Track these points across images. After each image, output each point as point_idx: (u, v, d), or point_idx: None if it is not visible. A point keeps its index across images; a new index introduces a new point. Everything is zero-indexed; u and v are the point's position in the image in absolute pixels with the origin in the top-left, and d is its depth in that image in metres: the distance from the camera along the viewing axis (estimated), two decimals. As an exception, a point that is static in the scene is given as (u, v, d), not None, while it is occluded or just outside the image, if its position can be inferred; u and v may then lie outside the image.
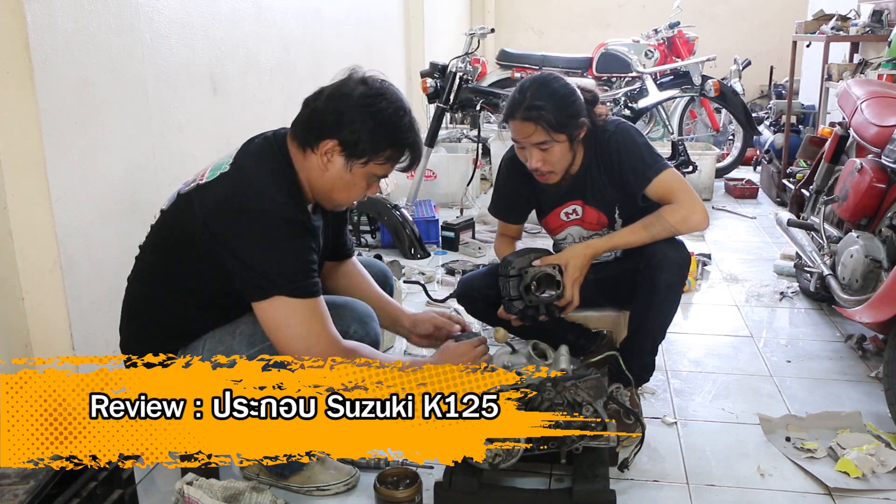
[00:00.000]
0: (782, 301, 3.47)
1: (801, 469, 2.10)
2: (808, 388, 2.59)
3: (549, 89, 2.14)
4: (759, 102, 8.16)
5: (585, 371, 1.91)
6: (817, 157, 3.38)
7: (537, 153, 2.16)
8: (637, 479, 2.06)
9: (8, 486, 1.53)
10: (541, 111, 2.09)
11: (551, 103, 2.10)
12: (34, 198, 2.06)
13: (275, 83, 3.68)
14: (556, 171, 2.20)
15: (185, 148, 2.83)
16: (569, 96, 2.15)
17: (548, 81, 2.17)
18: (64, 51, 2.10)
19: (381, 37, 5.71)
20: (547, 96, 2.11)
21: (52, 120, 2.06)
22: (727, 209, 5.30)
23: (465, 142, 5.90)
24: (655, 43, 6.19)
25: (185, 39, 2.82)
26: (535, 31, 9.25)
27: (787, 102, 5.59)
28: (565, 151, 2.17)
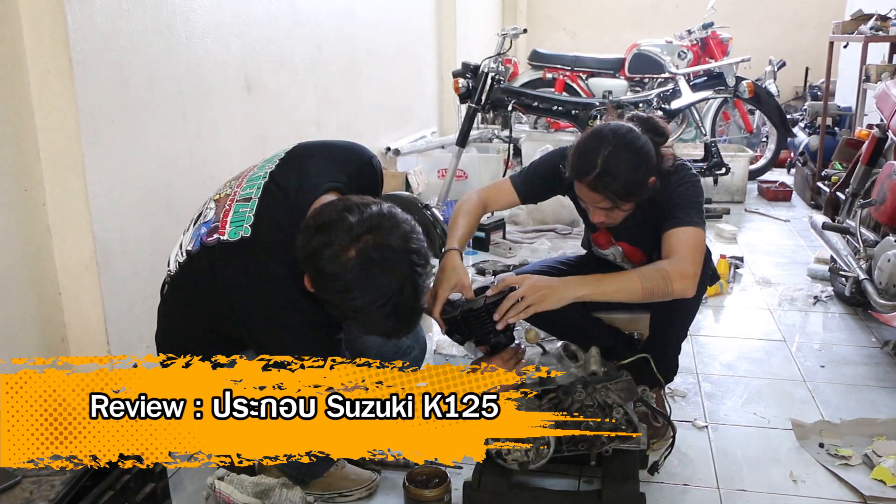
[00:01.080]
0: (816, 305, 3.41)
1: (836, 476, 2.06)
2: (842, 394, 2.55)
3: (623, 156, 1.95)
4: (794, 104, 8.04)
5: (616, 373, 1.90)
6: (854, 160, 3.33)
7: (601, 213, 2.07)
8: (667, 483, 2.04)
9: (46, 476, 1.56)
10: (610, 184, 1.95)
11: (621, 172, 1.94)
12: (72, 195, 2.09)
13: (308, 82, 3.70)
14: (617, 223, 2.12)
15: (220, 146, 2.86)
16: (642, 164, 1.97)
17: (624, 146, 1.97)
18: (103, 51, 2.13)
19: (413, 37, 5.72)
20: (620, 165, 1.95)
21: (90, 118, 2.09)
22: (760, 212, 5.23)
23: (496, 142, 5.89)
24: (689, 44, 6.13)
25: (220, 39, 2.85)
26: (567, 32, 9.20)
27: (823, 104, 5.50)
28: (630, 210, 2.06)
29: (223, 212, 1.75)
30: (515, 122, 6.04)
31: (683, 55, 5.97)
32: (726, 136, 6.24)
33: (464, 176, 5.20)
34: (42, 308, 2.12)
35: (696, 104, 5.23)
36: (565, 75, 6.08)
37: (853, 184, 3.21)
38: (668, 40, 6.21)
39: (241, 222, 1.71)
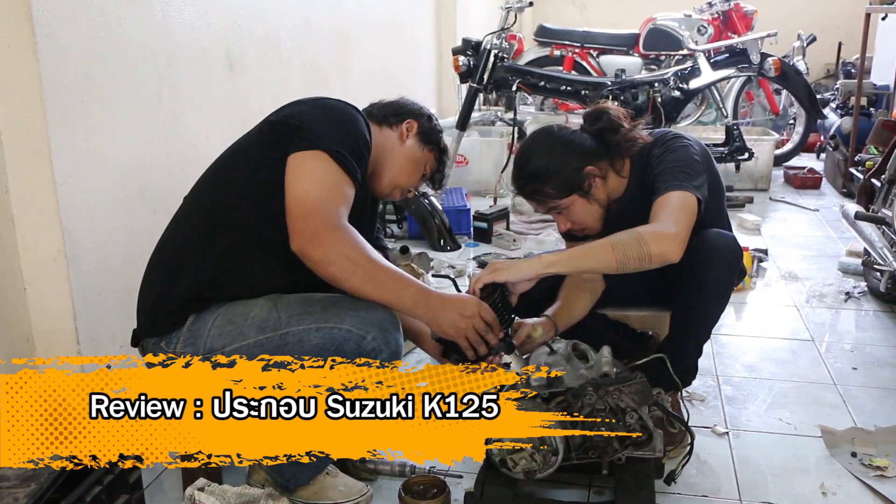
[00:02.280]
0: (848, 302, 3.41)
1: (869, 488, 2.05)
2: (877, 399, 2.54)
3: (537, 156, 2.15)
4: (825, 83, 8.03)
5: (630, 374, 1.89)
6: (891, 144, 3.33)
7: (560, 217, 2.19)
8: (684, 494, 2.03)
9: (7, 489, 1.56)
10: (534, 185, 2.14)
11: (543, 172, 2.12)
12: (37, 181, 2.08)
13: (295, 59, 3.68)
14: (587, 225, 2.20)
15: (199, 129, 2.84)
16: (561, 152, 2.13)
17: (535, 146, 2.18)
18: (69, 22, 2.12)
19: (410, 11, 5.71)
20: (536, 165, 2.13)
21: (56, 97, 2.07)
22: (786, 200, 5.23)
23: (499, 125, 5.88)
24: (709, 17, 6.12)
25: (199, 12, 2.84)
26: (576, 5, 9.19)
27: (857, 82, 5.49)
28: (585, 206, 2.15)
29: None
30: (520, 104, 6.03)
31: (703, 30, 5.96)
32: (750, 118, 6.24)
33: (464, 162, 5.20)
34: (5, 305, 2.11)
35: (716, 83, 5.22)
36: (574, 52, 6.08)
37: (890, 170, 3.20)
38: (686, 14, 6.19)
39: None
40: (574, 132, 2.19)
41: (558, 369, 1.91)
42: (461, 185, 4.98)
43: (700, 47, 5.32)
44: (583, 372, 1.93)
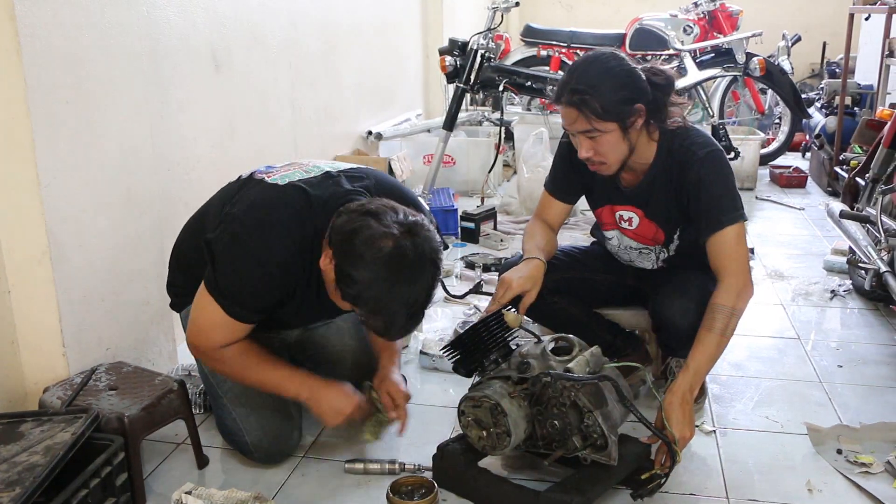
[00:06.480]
0: (833, 300, 3.42)
1: (855, 485, 2.07)
2: (862, 396, 2.56)
3: (598, 69, 2.05)
4: (810, 82, 8.06)
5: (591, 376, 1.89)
6: (875, 143, 3.34)
7: (586, 142, 2.10)
8: (672, 493, 2.03)
9: (-9, 493, 1.54)
10: (584, 96, 2.01)
11: (599, 86, 2.02)
12: (21, 183, 2.06)
13: (282, 60, 3.67)
14: (608, 161, 2.13)
15: (185, 130, 2.83)
16: (622, 77, 2.05)
17: (599, 61, 2.08)
18: (53, 23, 2.10)
19: (396, 10, 5.70)
20: (595, 78, 2.03)
21: (40, 98, 2.06)
22: (772, 199, 5.25)
23: (486, 125, 5.88)
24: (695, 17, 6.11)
25: (185, 12, 2.82)
26: (562, 5, 9.19)
27: (842, 82, 5.52)
28: (617, 141, 2.08)
29: (284, 167, 2.10)
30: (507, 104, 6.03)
31: (689, 30, 5.95)
32: (736, 117, 6.25)
33: (452, 162, 5.19)
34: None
35: (702, 83, 5.25)
36: (561, 52, 6.07)
37: (874, 168, 3.22)
38: (672, 14, 6.18)
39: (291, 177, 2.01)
40: (636, 69, 2.12)
41: (531, 360, 1.98)
42: (448, 185, 4.97)
43: (686, 47, 5.34)
44: (552, 363, 1.95)
